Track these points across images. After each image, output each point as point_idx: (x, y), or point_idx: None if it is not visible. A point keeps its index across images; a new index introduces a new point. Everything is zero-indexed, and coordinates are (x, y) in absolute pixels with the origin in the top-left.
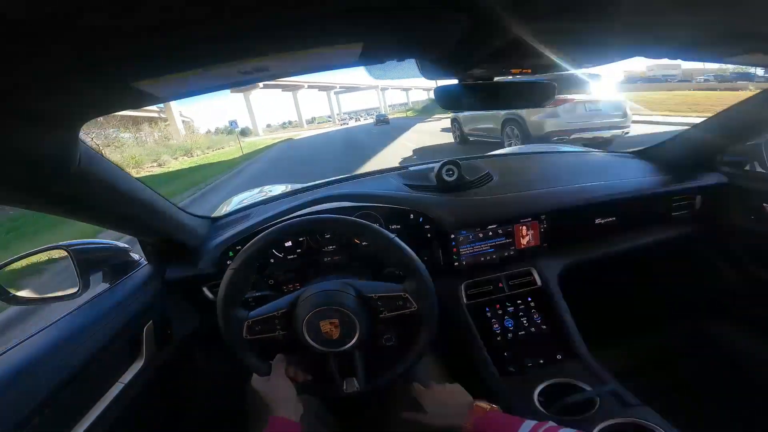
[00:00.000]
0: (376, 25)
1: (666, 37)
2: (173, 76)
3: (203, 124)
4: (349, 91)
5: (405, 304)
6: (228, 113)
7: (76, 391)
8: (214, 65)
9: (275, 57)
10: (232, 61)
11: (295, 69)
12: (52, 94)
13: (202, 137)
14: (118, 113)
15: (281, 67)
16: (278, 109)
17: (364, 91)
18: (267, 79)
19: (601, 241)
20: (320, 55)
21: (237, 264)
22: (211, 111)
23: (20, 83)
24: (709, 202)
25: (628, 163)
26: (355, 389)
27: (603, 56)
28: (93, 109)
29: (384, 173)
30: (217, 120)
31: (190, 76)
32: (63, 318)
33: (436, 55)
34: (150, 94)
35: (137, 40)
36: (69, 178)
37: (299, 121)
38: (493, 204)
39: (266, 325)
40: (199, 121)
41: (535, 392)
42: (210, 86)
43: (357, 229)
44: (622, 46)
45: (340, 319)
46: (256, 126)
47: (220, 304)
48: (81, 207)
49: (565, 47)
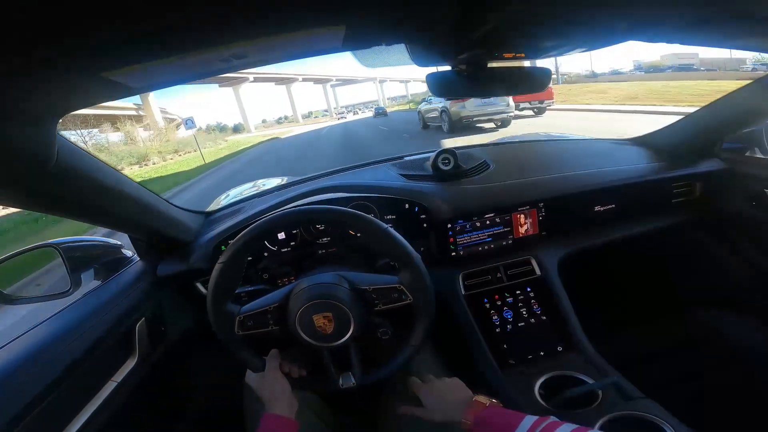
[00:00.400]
0: (358, 6)
1: (665, 17)
2: (145, 65)
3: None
4: (345, 84)
5: (400, 297)
6: (220, 110)
7: (67, 391)
8: (189, 53)
9: (253, 42)
10: (208, 47)
11: (276, 55)
12: (21, 89)
13: (173, 138)
14: (86, 110)
15: (261, 54)
16: (273, 103)
17: (361, 84)
18: (246, 67)
19: (600, 229)
20: (301, 40)
21: (226, 258)
22: (204, 108)
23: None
24: (709, 188)
25: (627, 150)
26: (351, 384)
27: (600, 38)
28: (65, 103)
29: (379, 163)
30: (210, 117)
31: (163, 65)
32: (52, 317)
33: (426, 39)
34: (123, 85)
35: (105, 28)
36: (48, 175)
37: (294, 115)
38: (490, 192)
39: (259, 320)
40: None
41: (535, 385)
42: (186, 76)
43: (349, 220)
44: (620, 28)
45: (334, 313)
46: (247, 122)
47: (210, 299)
48: (64, 204)
49: (561, 29)
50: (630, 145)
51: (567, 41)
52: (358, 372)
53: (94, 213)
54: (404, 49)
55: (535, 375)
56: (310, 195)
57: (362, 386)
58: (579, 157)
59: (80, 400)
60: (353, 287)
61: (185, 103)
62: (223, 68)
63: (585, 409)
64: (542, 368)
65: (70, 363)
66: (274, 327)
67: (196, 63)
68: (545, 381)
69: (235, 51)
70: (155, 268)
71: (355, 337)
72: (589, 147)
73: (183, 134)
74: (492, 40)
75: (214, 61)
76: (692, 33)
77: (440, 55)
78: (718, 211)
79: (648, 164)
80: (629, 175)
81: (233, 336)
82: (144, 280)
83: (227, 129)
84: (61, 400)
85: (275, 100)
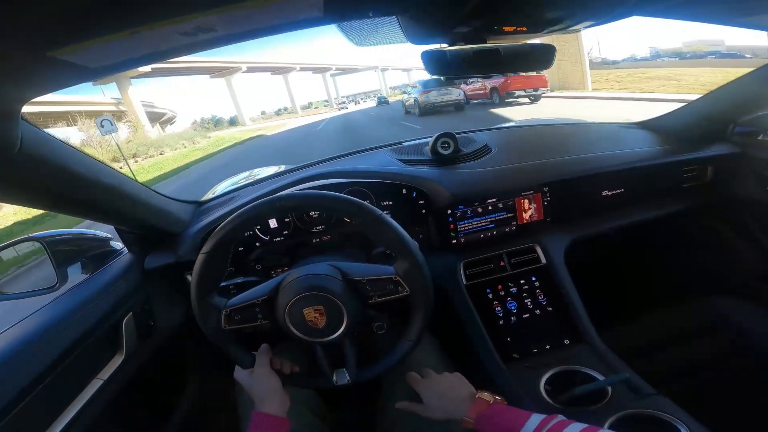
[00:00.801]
0: None
1: None
2: (97, 41)
3: (188, 117)
4: (346, 73)
5: (396, 288)
6: (215, 102)
7: (52, 389)
8: (144, 24)
9: (219, 12)
10: (166, 18)
11: (248, 27)
12: None
13: (142, 139)
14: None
15: (230, 26)
16: (270, 94)
17: (362, 73)
18: (218, 44)
19: (608, 215)
20: (276, 9)
21: (209, 248)
22: (198, 98)
23: None
24: (720, 172)
25: (635, 134)
26: (345, 381)
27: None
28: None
29: (377, 149)
30: (206, 110)
31: (120, 41)
32: (36, 312)
33: (419, 8)
34: (80, 66)
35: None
36: (10, 163)
37: (293, 106)
38: (493, 176)
39: (246, 314)
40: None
41: (541, 381)
42: (149, 54)
43: (339, 205)
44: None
45: (326, 306)
46: (242, 114)
47: (194, 292)
48: (31, 194)
49: None
50: (638, 129)
51: (571, 14)
52: (353, 368)
53: (70, 204)
54: (396, 23)
55: (540, 369)
56: (304, 182)
57: (358, 383)
58: (585, 140)
59: (65, 399)
60: (346, 278)
61: (176, 95)
62: (191, 45)
63: (594, 406)
64: (548, 362)
65: (54, 360)
66: (263, 321)
67: (157, 38)
68: (551, 376)
69: (199, 23)
70: (143, 261)
71: (348, 331)
72: (595, 130)
73: (174, 129)
74: (489, 9)
75: (177, 36)
76: (700, 8)
77: (435, 29)
78: (730, 196)
79: (658, 148)
80: (639, 158)
81: (220, 330)
82: (132, 273)
83: (223, 122)
84: (46, 398)
85: (272, 91)
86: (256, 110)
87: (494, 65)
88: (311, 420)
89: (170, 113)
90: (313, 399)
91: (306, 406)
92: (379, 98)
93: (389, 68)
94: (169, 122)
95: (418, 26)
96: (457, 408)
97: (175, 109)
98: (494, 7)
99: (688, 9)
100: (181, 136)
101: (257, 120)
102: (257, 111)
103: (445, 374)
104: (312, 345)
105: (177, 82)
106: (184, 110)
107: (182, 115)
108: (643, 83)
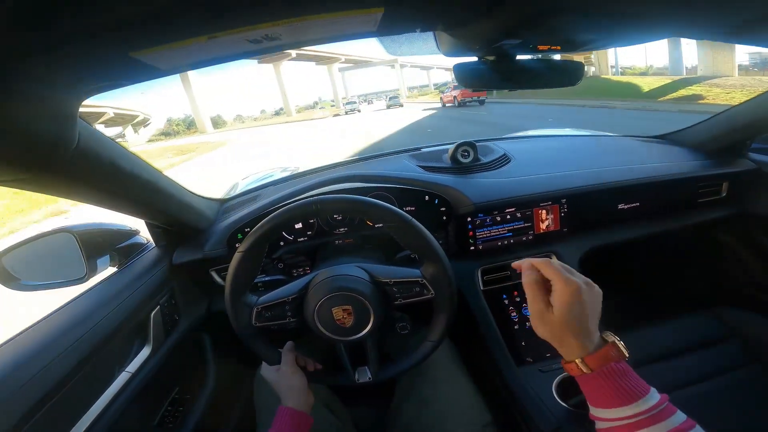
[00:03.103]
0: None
1: (721, 16)
2: (175, 45)
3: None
4: (357, 68)
5: (422, 291)
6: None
7: (85, 380)
8: (221, 33)
9: (287, 24)
10: (243, 27)
11: (308, 38)
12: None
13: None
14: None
15: (294, 36)
16: (266, 88)
17: (377, 68)
18: (275, 49)
19: (623, 226)
20: (336, 22)
21: (246, 246)
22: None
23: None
24: (736, 188)
25: (652, 147)
26: (367, 379)
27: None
28: (91, 84)
29: (396, 154)
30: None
31: (193, 46)
32: (68, 304)
33: (462, 25)
34: (151, 66)
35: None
36: (68, 158)
37: (286, 106)
38: (512, 186)
39: (276, 312)
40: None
41: (553, 384)
42: (216, 57)
43: (373, 210)
44: (672, 24)
45: (354, 306)
46: (289, 107)
47: (229, 289)
48: (82, 188)
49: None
50: (655, 142)
51: (608, 35)
52: (375, 367)
53: (113, 198)
54: (432, 37)
55: (552, 373)
56: (327, 184)
57: (378, 381)
58: (603, 152)
59: (95, 391)
60: (374, 279)
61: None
62: (254, 50)
63: None
64: (560, 367)
65: (89, 351)
66: (291, 319)
67: (228, 43)
68: (563, 379)
69: (268, 31)
70: (171, 256)
71: (373, 331)
72: (612, 143)
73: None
74: (529, 30)
75: (245, 42)
76: (744, 32)
77: (470, 44)
78: (745, 212)
79: (674, 162)
80: (655, 173)
81: (250, 327)
82: (159, 268)
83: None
84: (78, 389)
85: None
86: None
87: (525, 81)
88: (329, 417)
89: (143, 115)
90: (330, 396)
91: (323, 403)
92: (391, 98)
93: (408, 65)
94: (142, 124)
95: (453, 40)
96: (584, 340)
97: (149, 111)
98: (534, 27)
99: (731, 34)
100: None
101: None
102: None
103: (598, 289)
104: (335, 343)
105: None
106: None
107: (157, 117)
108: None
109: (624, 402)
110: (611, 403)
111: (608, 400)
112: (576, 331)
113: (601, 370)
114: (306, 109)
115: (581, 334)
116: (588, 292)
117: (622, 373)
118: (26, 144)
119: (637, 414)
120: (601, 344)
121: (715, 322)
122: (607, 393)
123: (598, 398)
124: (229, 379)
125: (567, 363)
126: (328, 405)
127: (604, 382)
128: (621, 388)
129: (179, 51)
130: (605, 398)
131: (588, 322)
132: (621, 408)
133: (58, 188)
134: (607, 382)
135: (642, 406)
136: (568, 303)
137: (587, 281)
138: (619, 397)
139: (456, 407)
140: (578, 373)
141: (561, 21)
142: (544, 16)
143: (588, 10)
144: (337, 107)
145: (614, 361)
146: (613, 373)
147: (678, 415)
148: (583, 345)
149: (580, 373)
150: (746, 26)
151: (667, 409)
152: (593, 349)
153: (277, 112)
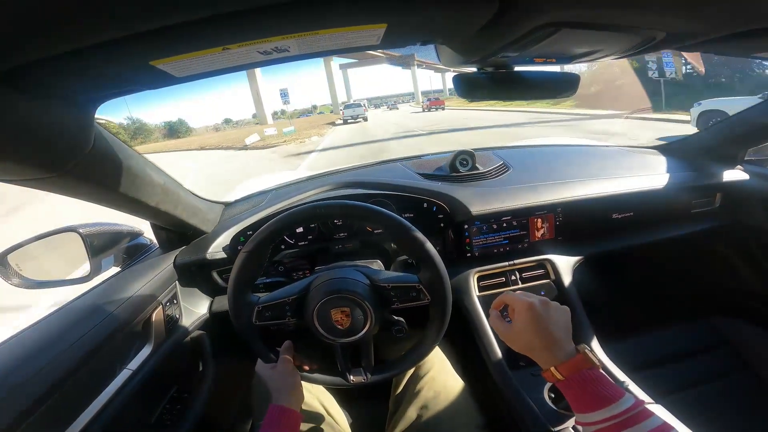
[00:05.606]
0: (404, 5)
1: (711, 26)
2: (192, 55)
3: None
4: (362, 65)
5: (419, 296)
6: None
7: (87, 376)
8: (235, 45)
9: (298, 36)
10: (256, 39)
11: (314, 50)
12: (70, 72)
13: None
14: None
15: (301, 48)
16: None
17: (386, 67)
18: (283, 60)
19: (617, 236)
20: (342, 36)
21: (250, 247)
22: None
23: (37, 59)
24: (729, 199)
25: (647, 158)
26: (362, 380)
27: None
28: (109, 89)
29: (395, 162)
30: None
31: (208, 56)
32: (72, 302)
33: (462, 39)
34: (167, 74)
35: (159, 17)
36: (83, 159)
37: (260, 114)
38: (508, 195)
39: (277, 312)
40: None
41: (545, 387)
42: (226, 68)
43: (373, 216)
44: (677, 36)
45: (352, 308)
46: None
47: (232, 288)
48: (94, 189)
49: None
50: (651, 153)
51: (602, 48)
52: (370, 368)
53: (124, 200)
54: (433, 48)
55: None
56: (329, 190)
57: (373, 383)
58: (598, 163)
59: (97, 386)
60: (373, 283)
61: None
62: (263, 61)
63: None
64: None
65: (92, 349)
66: (291, 319)
67: (240, 54)
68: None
69: (278, 44)
70: (174, 257)
71: (370, 333)
72: (608, 154)
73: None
74: (527, 43)
75: (255, 53)
76: (735, 42)
77: (470, 56)
78: (738, 223)
79: (668, 173)
80: (649, 184)
81: (250, 326)
82: (162, 268)
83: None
84: (81, 385)
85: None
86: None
87: (522, 91)
88: (323, 416)
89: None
90: (325, 395)
91: (320, 404)
92: (387, 103)
93: (423, 65)
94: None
95: (453, 53)
96: (554, 350)
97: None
98: (534, 42)
99: (722, 44)
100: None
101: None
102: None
103: (556, 305)
104: (333, 344)
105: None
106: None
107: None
108: None
109: (597, 406)
110: (587, 408)
111: (583, 405)
112: (543, 343)
113: (573, 376)
114: (304, 114)
115: (550, 344)
116: (543, 308)
117: (593, 380)
118: (45, 145)
119: (610, 417)
120: (572, 353)
121: (709, 331)
122: (582, 398)
123: (573, 402)
124: (227, 380)
125: (544, 372)
126: (325, 405)
127: (577, 387)
128: (592, 393)
129: (195, 60)
130: (580, 403)
131: (552, 333)
132: (596, 412)
133: (72, 189)
134: (580, 387)
135: (614, 410)
136: (524, 318)
137: (542, 299)
138: (593, 402)
139: (450, 409)
140: (554, 380)
141: (556, 36)
142: (540, 32)
143: (583, 26)
144: (336, 113)
145: (586, 368)
146: (584, 379)
147: (653, 420)
148: (553, 355)
149: (556, 380)
150: (736, 37)
151: (641, 413)
152: (564, 358)
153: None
